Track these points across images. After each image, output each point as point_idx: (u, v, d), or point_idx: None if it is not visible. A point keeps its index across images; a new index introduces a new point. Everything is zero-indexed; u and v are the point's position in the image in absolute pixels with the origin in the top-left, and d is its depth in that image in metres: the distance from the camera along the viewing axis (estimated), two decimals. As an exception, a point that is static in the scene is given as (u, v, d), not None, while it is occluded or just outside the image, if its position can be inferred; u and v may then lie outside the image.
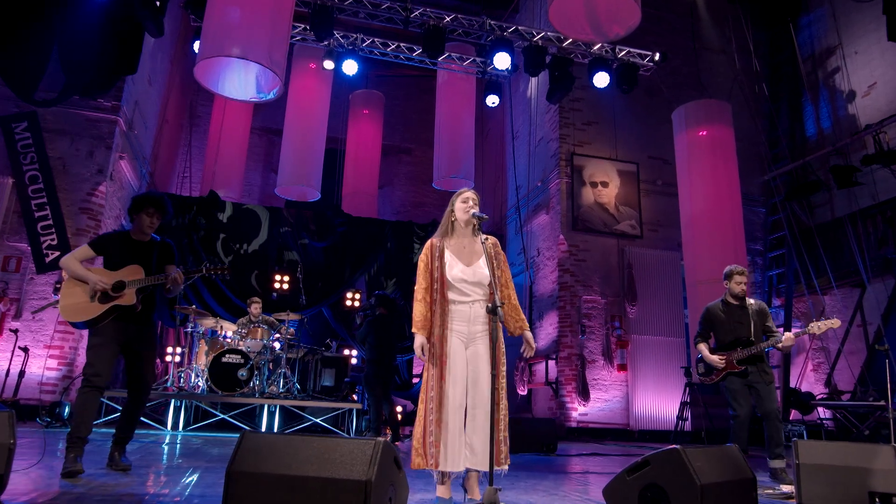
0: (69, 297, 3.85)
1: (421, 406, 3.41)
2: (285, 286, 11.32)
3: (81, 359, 8.15)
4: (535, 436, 6.74)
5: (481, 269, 3.55)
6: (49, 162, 8.29)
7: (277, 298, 11.20)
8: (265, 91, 6.62)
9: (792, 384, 10.56)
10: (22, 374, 7.49)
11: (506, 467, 3.39)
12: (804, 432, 8.99)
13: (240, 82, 6.60)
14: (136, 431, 4.17)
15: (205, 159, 12.54)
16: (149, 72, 9.85)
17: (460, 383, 3.37)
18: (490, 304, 3.17)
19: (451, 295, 3.52)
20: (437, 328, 3.48)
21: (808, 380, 10.90)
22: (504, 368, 3.50)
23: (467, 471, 3.39)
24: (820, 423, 9.76)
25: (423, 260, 3.64)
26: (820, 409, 9.80)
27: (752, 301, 5.34)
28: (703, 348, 5.25)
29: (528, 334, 3.60)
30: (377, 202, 13.52)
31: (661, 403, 9.75)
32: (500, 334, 3.52)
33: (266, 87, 6.59)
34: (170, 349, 10.89)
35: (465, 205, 3.65)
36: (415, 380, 11.78)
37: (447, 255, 3.60)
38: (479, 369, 3.44)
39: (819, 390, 10.44)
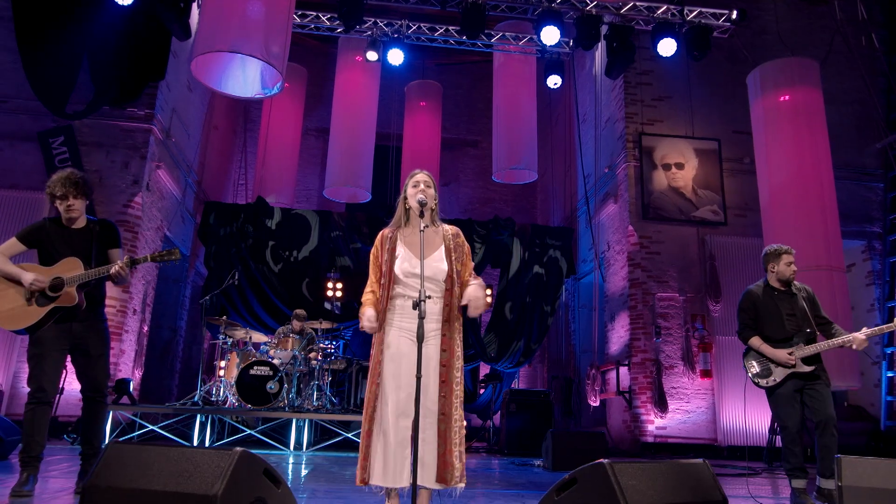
0: (3, 302, 3.78)
1: (364, 414, 3.32)
2: (338, 293, 11.52)
3: (122, 374, 8.63)
4: (579, 451, 6.43)
5: (436, 262, 3.40)
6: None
7: (341, 310, 11.41)
8: (269, 86, 6.75)
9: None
10: (61, 391, 8.00)
11: (461, 485, 3.22)
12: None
13: (242, 78, 6.77)
14: None
15: (255, 164, 13.01)
16: (188, 77, 10.32)
17: (406, 388, 3.23)
18: (414, 300, 3.02)
19: (399, 290, 3.40)
20: (384, 326, 3.37)
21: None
22: (458, 374, 3.32)
23: (420, 488, 3.25)
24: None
25: (372, 252, 3.55)
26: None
27: (797, 285, 4.82)
28: (760, 342, 4.78)
29: (468, 290, 3.31)
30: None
31: (754, 415, 9.06)
32: (456, 334, 3.36)
33: (270, 81, 6.72)
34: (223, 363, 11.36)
35: (415, 189, 3.52)
36: (480, 391, 11.64)
37: (399, 247, 3.48)
38: (428, 374, 3.29)
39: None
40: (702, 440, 9.07)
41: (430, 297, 3.24)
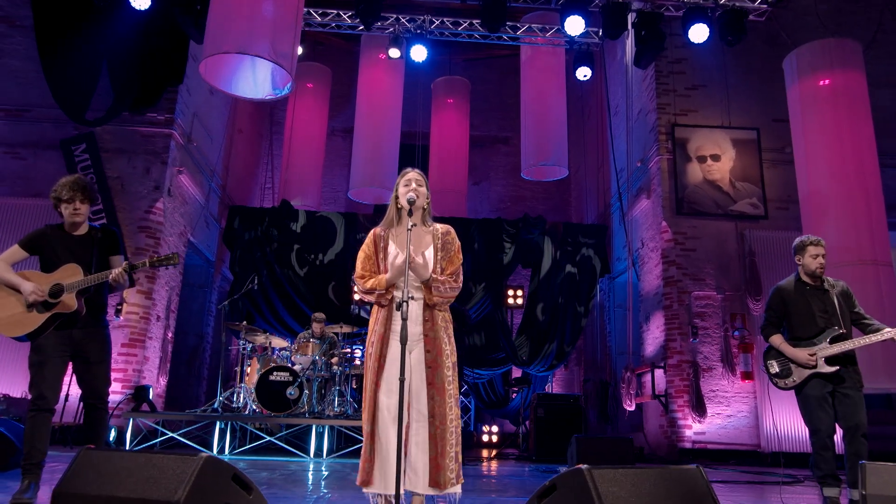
0: (5, 309, 3.88)
1: (363, 416, 3.34)
2: (367, 297, 11.58)
3: (146, 381, 8.82)
4: (605, 457, 6.35)
5: (424, 262, 3.40)
6: (107, 182, 9.07)
7: (369, 313, 11.46)
8: (280, 86, 6.83)
9: None
10: (85, 397, 8.21)
11: (456, 489, 3.20)
12: None
13: (253, 79, 6.86)
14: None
15: (280, 167, 13.18)
16: (209, 81, 10.52)
17: (397, 392, 3.22)
18: (398, 301, 3.02)
19: (392, 291, 3.41)
20: (380, 326, 3.40)
21: None
22: (450, 373, 3.31)
23: (412, 495, 3.25)
24: None
25: (363, 251, 3.57)
26: None
27: (831, 280, 4.66)
28: (780, 341, 4.66)
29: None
30: (468, 199, 13.48)
31: (801, 419, 8.76)
32: (442, 333, 3.35)
33: (280, 81, 6.79)
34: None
35: (406, 188, 3.52)
36: (513, 395, 11.58)
37: (391, 246, 3.50)
38: (421, 377, 3.29)
39: None
40: (743, 446, 8.85)
41: (412, 298, 3.23)
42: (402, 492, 3.14)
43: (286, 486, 5.04)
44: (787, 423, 8.86)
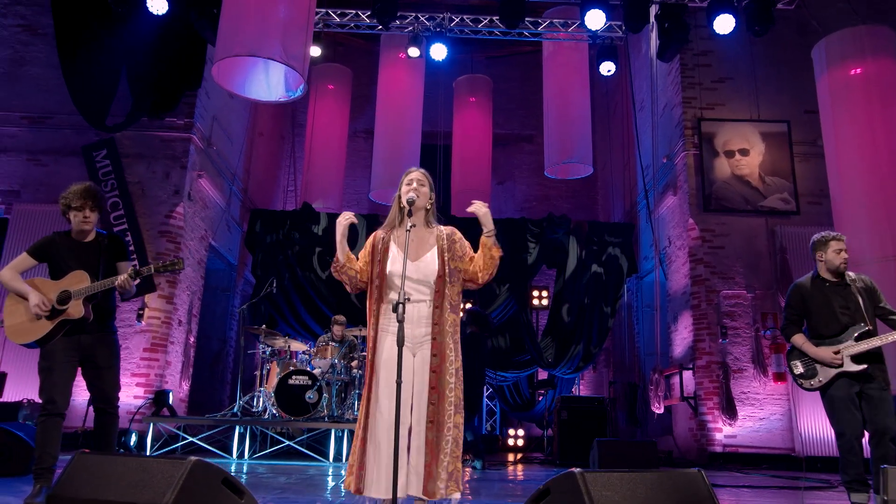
0: (14, 317, 3.99)
1: (357, 421, 3.35)
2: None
3: (168, 385, 8.96)
4: (628, 461, 6.29)
5: (426, 264, 3.39)
6: (128, 187, 9.23)
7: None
8: (293, 88, 6.89)
9: None
10: (107, 402, 8.36)
11: (456, 496, 3.18)
12: None
13: (266, 82, 6.93)
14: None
15: (302, 170, 13.28)
16: (228, 85, 10.65)
17: (395, 396, 3.22)
18: (394, 302, 3.02)
19: (391, 294, 3.40)
20: (373, 331, 3.39)
21: None
22: (452, 379, 3.29)
23: (413, 499, 3.25)
24: None
25: (361, 254, 3.58)
26: None
27: (852, 275, 4.56)
28: (803, 340, 4.58)
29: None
30: (492, 199, 13.44)
31: (836, 421, 8.60)
32: (448, 338, 3.32)
33: (293, 83, 6.85)
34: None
35: (408, 188, 3.53)
36: (539, 398, 11.52)
37: (392, 248, 3.50)
38: (424, 380, 3.28)
39: None
40: (777, 450, 8.69)
41: (408, 300, 3.22)
42: (401, 495, 3.17)
43: (301, 491, 5.07)
44: (822, 425, 8.66)
